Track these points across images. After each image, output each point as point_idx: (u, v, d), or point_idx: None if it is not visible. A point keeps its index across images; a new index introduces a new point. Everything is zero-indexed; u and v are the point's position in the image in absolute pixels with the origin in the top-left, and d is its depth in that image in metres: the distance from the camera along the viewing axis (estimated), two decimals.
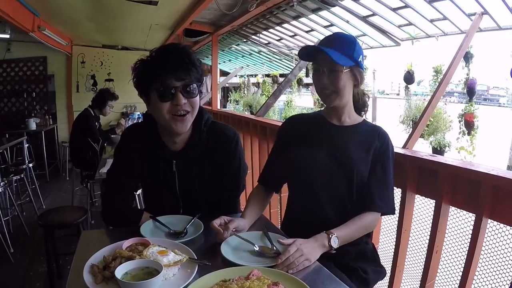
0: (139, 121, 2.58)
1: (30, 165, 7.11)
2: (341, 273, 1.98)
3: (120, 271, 1.45)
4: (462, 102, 5.57)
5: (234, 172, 2.35)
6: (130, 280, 1.44)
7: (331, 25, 6.43)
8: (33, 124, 9.00)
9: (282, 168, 2.31)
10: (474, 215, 2.20)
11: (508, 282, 2.31)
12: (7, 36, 7.21)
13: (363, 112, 2.31)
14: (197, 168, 2.25)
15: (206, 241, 1.96)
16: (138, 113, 9.39)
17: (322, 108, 2.32)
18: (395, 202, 2.69)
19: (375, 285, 2.26)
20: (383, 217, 2.91)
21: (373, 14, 5.43)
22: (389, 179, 2.16)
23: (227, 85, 18.27)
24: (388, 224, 3.09)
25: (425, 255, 2.55)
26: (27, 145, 7.63)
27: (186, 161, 2.23)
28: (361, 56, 2.11)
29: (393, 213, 2.20)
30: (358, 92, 2.23)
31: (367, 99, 2.31)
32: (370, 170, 2.13)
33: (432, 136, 5.95)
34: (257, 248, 1.80)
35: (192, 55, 2.06)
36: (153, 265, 1.50)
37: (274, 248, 1.80)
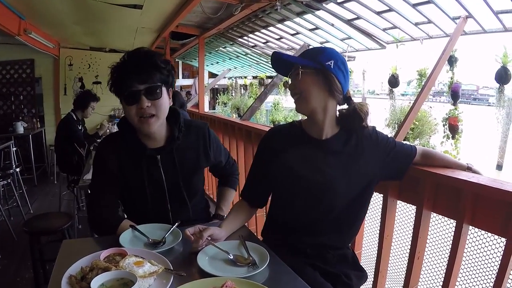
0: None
1: (18, 169, 7.03)
2: (327, 283, 2.03)
3: (96, 283, 1.45)
4: (450, 103, 5.60)
5: (221, 153, 2.67)
6: None
7: (316, 28, 6.47)
8: (20, 128, 8.93)
9: (265, 184, 2.31)
10: (455, 221, 2.21)
11: (489, 287, 2.33)
12: None
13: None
14: (181, 160, 2.36)
15: (184, 250, 1.97)
16: None
17: (304, 119, 2.27)
18: (377, 207, 2.72)
19: None
20: (365, 222, 2.93)
21: (358, 18, 5.46)
22: (405, 146, 2.27)
23: (216, 86, 18.30)
24: (370, 229, 3.10)
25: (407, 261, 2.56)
26: (14, 148, 7.58)
27: (170, 154, 2.33)
28: (332, 61, 2.03)
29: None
30: (351, 106, 2.11)
31: (363, 114, 2.09)
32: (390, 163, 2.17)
33: (417, 139, 5.98)
34: (231, 257, 1.82)
35: (154, 58, 2.17)
36: (128, 276, 1.50)
37: (251, 257, 1.81)
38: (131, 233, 2.10)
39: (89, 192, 2.47)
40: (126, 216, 2.40)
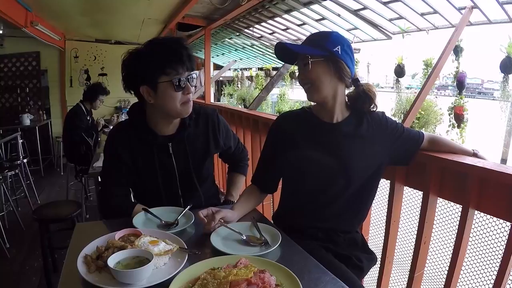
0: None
1: (25, 160, 7.08)
2: (340, 264, 2.05)
3: (112, 260, 1.49)
4: (455, 96, 5.59)
5: (231, 138, 2.69)
6: (122, 269, 1.48)
7: (323, 18, 6.45)
8: (27, 120, 8.92)
9: (276, 169, 2.33)
10: (461, 206, 2.22)
11: (495, 272, 2.34)
12: (0, 31, 7.19)
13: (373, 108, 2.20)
14: (192, 147, 2.41)
15: (197, 232, 2.01)
16: None
17: (313, 104, 2.29)
18: (384, 193, 2.74)
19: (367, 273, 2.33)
20: (372, 208, 2.95)
21: (364, 8, 5.45)
22: (412, 132, 2.29)
23: (221, 78, 18.27)
24: (377, 215, 3.11)
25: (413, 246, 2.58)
26: (21, 140, 7.61)
27: (181, 141, 2.38)
28: (339, 47, 2.02)
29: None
30: (359, 88, 2.15)
31: (372, 95, 2.15)
32: (398, 147, 2.20)
33: (423, 128, 5.97)
34: (244, 237, 1.85)
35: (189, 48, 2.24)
36: (144, 254, 1.55)
37: (263, 237, 1.85)
38: (144, 215, 2.15)
39: (100, 180, 2.50)
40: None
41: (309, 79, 2.04)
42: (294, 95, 13.57)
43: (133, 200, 2.50)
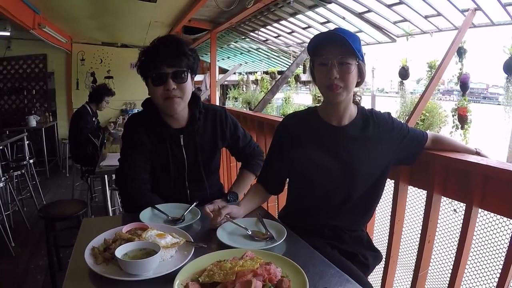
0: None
1: (31, 161, 7.12)
2: (346, 261, 2.05)
3: (120, 252, 1.51)
4: (460, 94, 5.57)
5: (239, 132, 2.73)
6: (129, 260, 1.50)
7: (328, 21, 6.48)
8: (33, 121, 9.00)
9: (282, 169, 2.33)
10: (465, 204, 2.22)
11: (498, 270, 2.34)
12: (8, 33, 7.23)
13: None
14: (201, 140, 2.52)
15: (203, 227, 2.04)
16: (137, 110, 9.39)
17: (319, 104, 2.29)
18: (389, 193, 2.74)
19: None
20: (377, 207, 2.96)
21: (369, 11, 5.48)
22: (417, 132, 2.29)
23: (226, 82, 18.26)
24: (382, 214, 3.12)
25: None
26: (27, 141, 7.66)
27: (191, 134, 2.47)
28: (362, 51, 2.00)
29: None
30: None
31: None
32: (404, 147, 2.19)
33: (428, 130, 5.96)
34: (249, 232, 1.87)
35: (183, 45, 2.32)
36: (151, 246, 1.57)
37: (268, 232, 1.87)
38: (150, 211, 2.18)
39: (119, 166, 2.50)
40: None
41: (346, 80, 1.96)
42: (299, 99, 13.52)
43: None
